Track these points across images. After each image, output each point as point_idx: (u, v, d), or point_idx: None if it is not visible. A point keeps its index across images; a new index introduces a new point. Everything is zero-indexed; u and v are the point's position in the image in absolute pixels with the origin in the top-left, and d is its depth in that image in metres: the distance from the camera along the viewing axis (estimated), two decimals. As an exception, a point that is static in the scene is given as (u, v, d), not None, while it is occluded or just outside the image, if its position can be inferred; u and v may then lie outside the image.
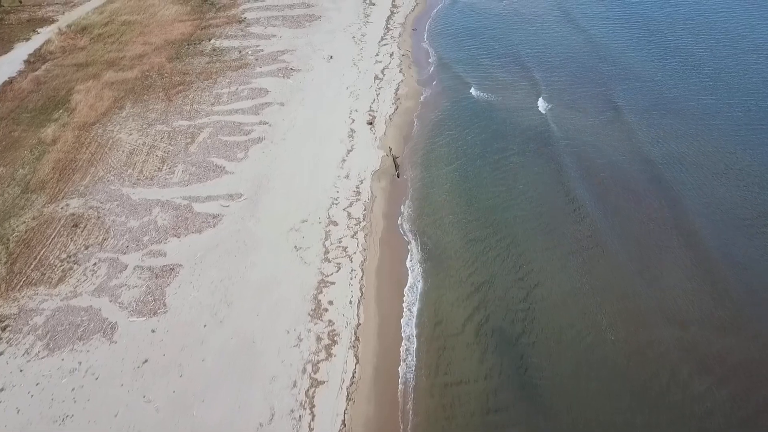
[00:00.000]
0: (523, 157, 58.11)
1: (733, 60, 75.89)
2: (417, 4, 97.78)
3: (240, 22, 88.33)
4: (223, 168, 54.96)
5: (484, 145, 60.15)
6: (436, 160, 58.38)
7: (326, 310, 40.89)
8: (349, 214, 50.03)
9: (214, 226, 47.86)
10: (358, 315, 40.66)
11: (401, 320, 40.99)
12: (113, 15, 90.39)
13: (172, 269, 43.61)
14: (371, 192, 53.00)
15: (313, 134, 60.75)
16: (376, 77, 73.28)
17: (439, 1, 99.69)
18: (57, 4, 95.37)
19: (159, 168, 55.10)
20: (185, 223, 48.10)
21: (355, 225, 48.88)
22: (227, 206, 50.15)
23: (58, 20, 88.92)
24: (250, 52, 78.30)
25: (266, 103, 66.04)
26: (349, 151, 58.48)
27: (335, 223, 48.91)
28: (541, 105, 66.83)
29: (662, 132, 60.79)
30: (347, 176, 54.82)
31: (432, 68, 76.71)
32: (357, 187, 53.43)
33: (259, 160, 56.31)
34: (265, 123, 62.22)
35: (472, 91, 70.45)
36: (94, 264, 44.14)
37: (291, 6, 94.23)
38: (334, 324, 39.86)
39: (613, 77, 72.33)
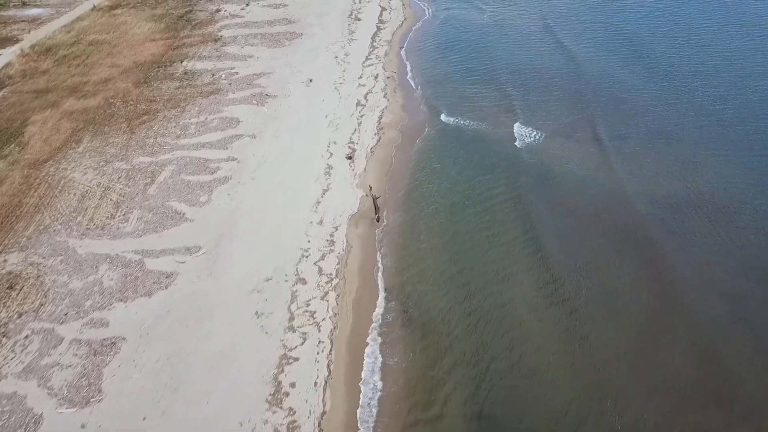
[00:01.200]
0: (511, 195, 52.72)
1: (723, 79, 70.62)
2: (405, 19, 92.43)
3: (216, 41, 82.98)
4: (183, 214, 49.56)
5: (469, 181, 54.79)
6: (420, 199, 53.03)
7: (287, 394, 35.48)
8: (320, 270, 44.65)
9: (166, 288, 42.45)
10: (323, 401, 35.24)
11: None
12: (81, 34, 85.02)
13: (114, 344, 38.19)
14: (346, 241, 47.63)
15: (285, 172, 55.38)
16: (358, 103, 67.92)
17: (427, 16, 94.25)
18: (23, 21, 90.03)
19: (112, 215, 49.70)
20: (134, 284, 42.69)
21: (327, 283, 43.49)
22: (183, 262, 44.74)
23: (22, 39, 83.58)
24: (223, 76, 72.94)
25: (237, 136, 60.66)
26: (324, 192, 53.11)
27: (304, 281, 43.52)
28: (529, 134, 61.40)
29: (645, 165, 55.44)
30: (321, 222, 49.44)
31: (418, 92, 71.33)
32: (331, 236, 48.06)
33: (224, 204, 50.92)
34: (234, 159, 56.83)
35: (458, 119, 65.09)
36: (26, 337, 38.74)
37: (271, 23, 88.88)
38: (294, 413, 34.43)
39: (597, 102, 66.78)
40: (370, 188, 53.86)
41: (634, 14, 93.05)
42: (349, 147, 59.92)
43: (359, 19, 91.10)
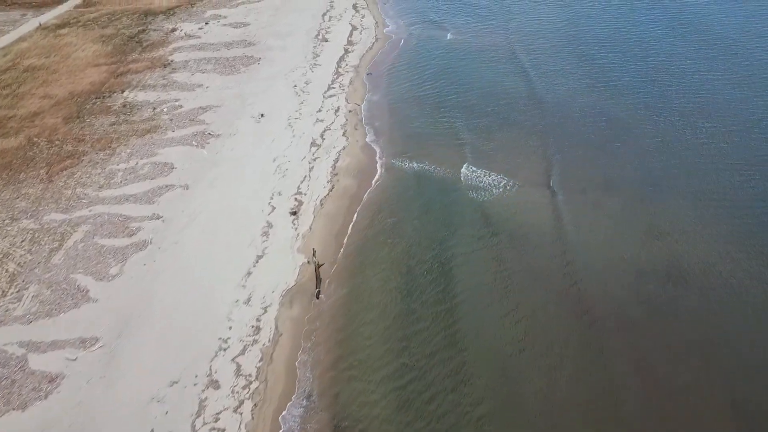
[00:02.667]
0: (470, 259, 45.57)
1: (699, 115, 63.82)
2: (376, 40, 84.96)
3: (165, 66, 75.51)
4: (87, 292, 42.20)
5: (425, 241, 47.64)
6: (369, 266, 45.80)
7: None
8: (238, 368, 37.35)
9: (45, 397, 35.10)
10: None
11: None
12: (19, 57, 77.53)
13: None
14: (275, 327, 40.33)
15: (215, 233, 48.04)
16: (313, 143, 60.58)
17: (402, 36, 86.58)
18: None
19: (4, 292, 42.34)
20: (9, 391, 35.35)
21: (243, 388, 36.18)
22: (74, 359, 37.40)
23: (-46, 64, 76.15)
24: (165, 110, 65.52)
25: (167, 186, 53.29)
26: (258, 259, 45.77)
27: (216, 385, 36.23)
28: (495, 184, 54.10)
29: (603, 229, 48.49)
30: (248, 300, 42.13)
31: (382, 130, 63.93)
32: (258, 320, 40.75)
33: (137, 278, 43.56)
34: (159, 217, 49.45)
35: (421, 163, 57.78)
36: None
37: (229, 45, 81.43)
38: None
39: (560, 146, 59.71)
40: (314, 253, 46.55)
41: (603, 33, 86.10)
42: (296, 199, 52.60)
43: (326, 41, 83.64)
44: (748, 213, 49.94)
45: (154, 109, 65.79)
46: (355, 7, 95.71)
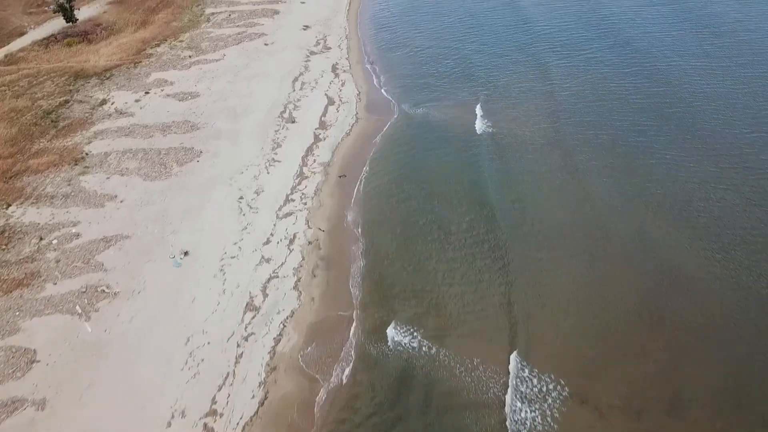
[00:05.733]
0: None
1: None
2: (357, 120, 66.92)
3: (76, 162, 57.83)
4: None
5: None
6: None
7: None
8: None
9: None
10: None
11: None
12: None
13: None
14: None
15: None
16: (249, 305, 42.77)
17: (395, 115, 67.98)
18: None
19: None
20: None
21: None
22: None
23: None
24: (55, 242, 47.82)
25: (12, 404, 35.45)
26: None
27: None
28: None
29: None
30: None
31: (356, 276, 45.99)
32: None
33: None
34: (-21, 479, 31.73)
35: (416, 346, 39.89)
36: None
37: (166, 128, 63.57)
38: None
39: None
40: None
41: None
42: (205, 427, 34.68)
43: (293, 121, 65.72)
44: None
45: (41, 239, 48.11)
46: (334, 69, 77.83)
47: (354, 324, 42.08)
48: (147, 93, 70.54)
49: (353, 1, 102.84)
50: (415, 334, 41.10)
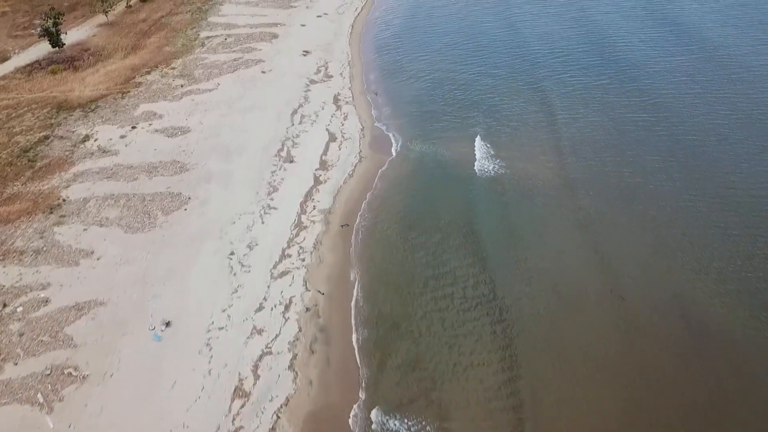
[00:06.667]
0: None
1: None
2: (360, 160, 61.56)
3: (51, 210, 52.51)
4: None
5: None
6: None
7: None
8: None
9: None
10: None
11: None
12: None
13: None
14: None
15: None
16: (237, 391, 37.25)
17: (396, 156, 62.08)
18: None
19: None
20: None
21: None
22: None
23: None
24: (19, 311, 42.36)
25: None
26: None
27: None
28: None
29: None
30: None
31: (360, 352, 40.51)
32: None
33: None
34: None
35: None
36: None
37: (152, 168, 58.24)
38: None
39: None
40: None
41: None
42: None
43: (291, 161, 60.44)
44: None
45: (4, 306, 42.65)
46: (336, 100, 72.65)
47: (358, 415, 36.56)
48: (134, 128, 65.32)
49: (356, 23, 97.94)
50: (428, 428, 35.54)
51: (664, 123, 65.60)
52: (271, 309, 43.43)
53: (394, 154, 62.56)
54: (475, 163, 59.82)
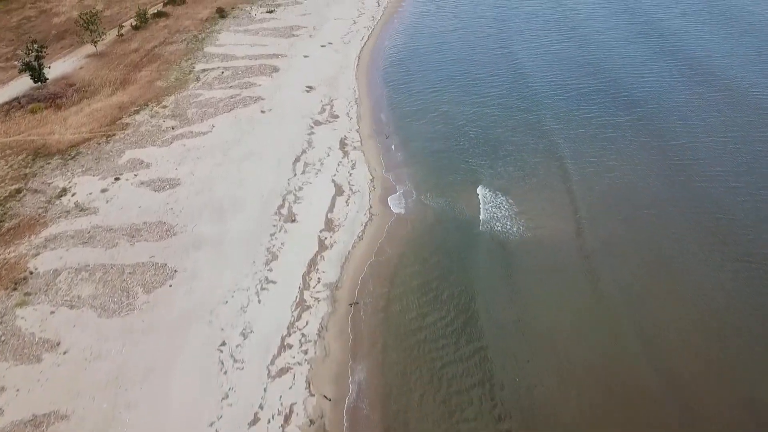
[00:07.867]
0: None
1: None
2: (370, 218, 54.55)
3: (16, 284, 45.47)
4: None
5: None
6: None
7: None
8: None
9: None
10: None
11: None
12: None
13: None
14: None
15: None
16: None
17: (411, 213, 55.08)
18: None
19: None
20: None
21: None
22: None
23: None
24: (-36, 427, 35.27)
25: None
26: None
27: None
28: None
29: None
30: None
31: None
32: None
33: None
34: None
35: None
36: None
37: (135, 232, 51.19)
38: None
39: None
40: None
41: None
42: None
43: (293, 220, 53.49)
44: None
45: (-53, 420, 35.53)
46: (343, 144, 65.76)
47: None
48: (117, 179, 58.46)
49: (363, 53, 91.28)
50: None
51: (696, 178, 58.99)
52: (268, 421, 36.17)
53: (405, 211, 55.55)
54: (496, 223, 52.91)
